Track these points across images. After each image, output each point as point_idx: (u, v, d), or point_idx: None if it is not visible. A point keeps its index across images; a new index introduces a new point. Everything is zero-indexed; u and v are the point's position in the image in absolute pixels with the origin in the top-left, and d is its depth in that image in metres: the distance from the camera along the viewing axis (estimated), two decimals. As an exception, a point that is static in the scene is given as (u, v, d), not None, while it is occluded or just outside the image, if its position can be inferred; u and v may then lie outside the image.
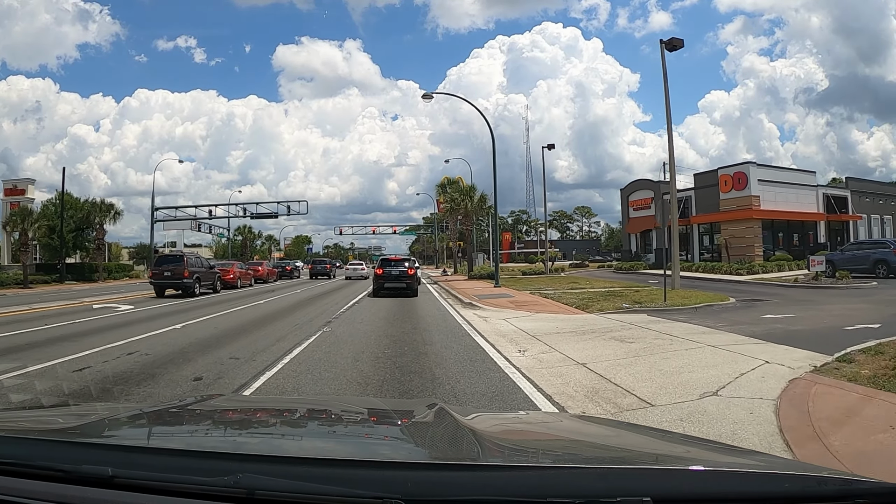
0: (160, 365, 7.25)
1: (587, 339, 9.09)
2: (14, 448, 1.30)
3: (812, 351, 7.02)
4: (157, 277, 20.91)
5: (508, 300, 16.59)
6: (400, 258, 21.42)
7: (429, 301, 18.13)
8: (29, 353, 8.12)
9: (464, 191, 31.65)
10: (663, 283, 15.11)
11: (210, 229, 62.29)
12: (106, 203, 44.64)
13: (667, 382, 5.81)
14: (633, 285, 22.09)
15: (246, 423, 1.94)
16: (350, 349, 8.48)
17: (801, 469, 1.32)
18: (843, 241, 37.82)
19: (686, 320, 11.46)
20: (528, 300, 16.46)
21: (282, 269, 39.28)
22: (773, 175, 33.70)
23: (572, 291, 19.24)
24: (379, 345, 8.93)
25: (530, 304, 15.36)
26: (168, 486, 1.14)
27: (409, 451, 1.56)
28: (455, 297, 19.33)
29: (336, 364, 7.30)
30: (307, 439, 1.72)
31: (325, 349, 8.51)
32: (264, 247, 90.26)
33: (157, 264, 21.54)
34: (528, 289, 21.35)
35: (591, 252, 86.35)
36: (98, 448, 1.39)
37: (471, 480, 1.12)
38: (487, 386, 5.99)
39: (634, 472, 1.19)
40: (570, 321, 11.70)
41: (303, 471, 1.14)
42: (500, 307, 14.76)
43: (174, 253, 22.73)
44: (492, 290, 21.64)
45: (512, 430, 1.86)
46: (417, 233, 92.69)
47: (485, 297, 18.02)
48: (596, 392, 5.59)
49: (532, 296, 18.01)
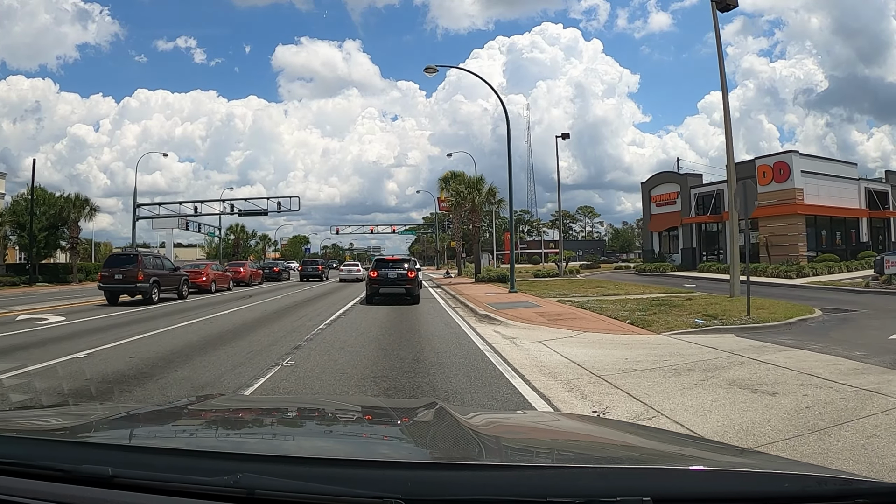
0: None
1: (691, 386, 5.72)
2: (14, 448, 1.30)
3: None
4: (107, 281, 17.44)
5: (535, 311, 13.15)
6: (398, 259, 17.99)
7: (434, 311, 14.69)
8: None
9: (470, 183, 28.03)
10: (746, 291, 11.66)
11: (199, 228, 59.04)
12: (81, 198, 41.26)
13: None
14: (674, 290, 18.69)
15: (246, 423, 1.93)
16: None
17: (801, 469, 1.30)
18: (884, 239, 34.38)
19: (801, 345, 8.16)
20: (561, 311, 13.02)
21: (269, 270, 35.65)
22: (816, 166, 30.19)
23: (608, 299, 15.81)
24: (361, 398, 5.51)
25: (565, 317, 11.92)
26: (168, 485, 1.12)
27: (410, 451, 1.55)
28: (465, 305, 15.92)
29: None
30: (307, 439, 1.71)
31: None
32: (259, 247, 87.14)
33: (106, 266, 18.06)
34: (551, 295, 17.92)
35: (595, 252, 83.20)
36: (98, 448, 1.40)
37: (471, 480, 1.11)
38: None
39: (634, 472, 1.19)
40: (638, 347, 8.29)
41: (303, 470, 1.13)
42: (527, 322, 11.34)
43: (127, 252, 19.28)
44: (508, 296, 18.22)
45: (512, 430, 1.84)
46: (417, 233, 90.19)
47: (503, 306, 14.59)
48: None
49: (561, 305, 14.57)
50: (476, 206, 27.33)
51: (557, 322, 11.12)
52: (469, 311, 14.36)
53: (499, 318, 11.99)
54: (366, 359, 7.65)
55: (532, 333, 10.03)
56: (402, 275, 16.68)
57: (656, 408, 4.95)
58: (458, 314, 13.84)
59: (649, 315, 11.49)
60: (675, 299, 14.98)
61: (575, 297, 17.14)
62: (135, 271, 17.17)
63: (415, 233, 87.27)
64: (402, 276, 16.66)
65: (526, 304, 15.14)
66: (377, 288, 16.61)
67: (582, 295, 17.66)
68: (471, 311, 14.25)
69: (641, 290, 19.55)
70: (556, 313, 12.57)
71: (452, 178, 33.92)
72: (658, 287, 20.87)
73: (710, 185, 33.25)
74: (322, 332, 10.64)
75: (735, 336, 9.15)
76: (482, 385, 6.01)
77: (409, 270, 16.83)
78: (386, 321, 12.41)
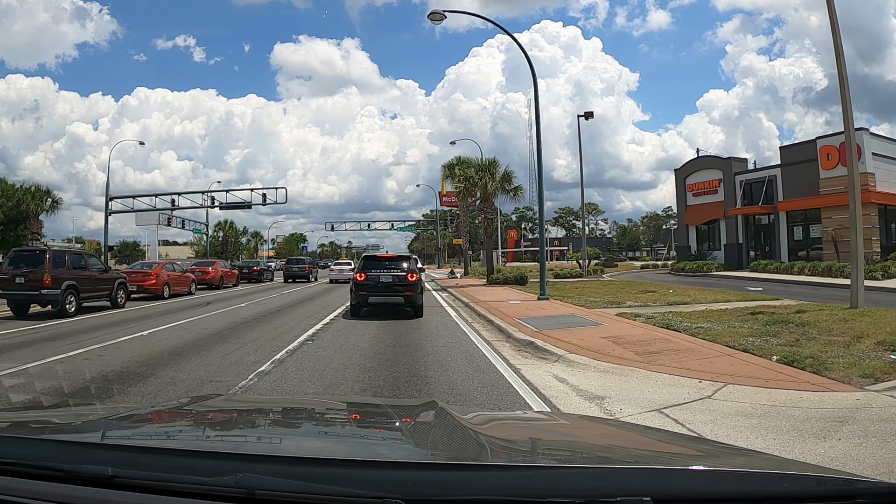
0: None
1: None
2: (14, 448, 1.28)
3: None
4: (6, 286, 13.02)
5: (599, 334, 8.68)
6: (394, 257, 13.51)
7: (445, 332, 10.24)
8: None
9: (482, 166, 23.44)
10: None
11: (183, 224, 54.68)
12: (41, 189, 36.81)
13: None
14: (753, 297, 14.32)
15: (246, 423, 1.92)
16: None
17: (800, 469, 1.30)
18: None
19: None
20: (641, 335, 8.53)
21: (248, 270, 30.98)
22: (888, 149, 25.62)
23: (681, 311, 11.39)
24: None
25: (657, 346, 7.44)
26: (168, 485, 1.11)
27: (410, 451, 1.52)
28: (487, 319, 11.50)
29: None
30: (307, 439, 1.69)
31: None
32: (250, 244, 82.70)
33: (9, 265, 13.58)
34: (595, 303, 13.48)
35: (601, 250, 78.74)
36: (98, 448, 1.38)
37: (471, 480, 1.09)
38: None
39: (635, 472, 1.18)
40: (866, 424, 3.87)
41: (303, 471, 1.11)
42: (601, 356, 6.90)
43: (33, 248, 14.77)
44: (540, 305, 13.79)
45: (512, 430, 1.83)
46: (416, 230, 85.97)
47: (544, 323, 10.14)
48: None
49: (631, 322, 10.10)
50: (489, 194, 22.74)
51: (654, 358, 6.69)
52: (497, 331, 9.93)
53: (550, 350, 7.55)
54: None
55: (628, 387, 5.63)
56: (399, 278, 12.25)
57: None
58: (481, 337, 9.40)
59: (790, 345, 7.10)
60: (779, 312, 10.60)
61: (632, 306, 12.72)
62: (40, 273, 12.71)
63: (414, 229, 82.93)
64: (400, 280, 12.23)
65: (575, 319, 10.71)
66: (365, 296, 12.17)
67: (639, 304, 13.24)
68: (499, 331, 9.82)
69: (705, 294, 15.13)
70: (636, 339, 8.12)
71: (459, 163, 29.44)
72: (721, 291, 16.43)
73: (758, 171, 28.60)
74: (265, 376, 6.24)
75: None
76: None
77: (408, 272, 12.39)
78: (374, 351, 8.00)
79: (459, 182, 24.24)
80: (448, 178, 34.53)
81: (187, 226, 56.04)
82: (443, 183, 49.69)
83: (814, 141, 25.71)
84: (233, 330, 10.62)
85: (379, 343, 8.88)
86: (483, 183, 22.75)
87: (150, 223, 49.51)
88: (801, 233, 26.30)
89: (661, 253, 76.86)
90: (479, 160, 24.34)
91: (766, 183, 27.27)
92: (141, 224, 50.36)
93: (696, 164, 32.92)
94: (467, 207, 34.10)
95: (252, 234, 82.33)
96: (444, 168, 33.27)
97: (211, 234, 60.17)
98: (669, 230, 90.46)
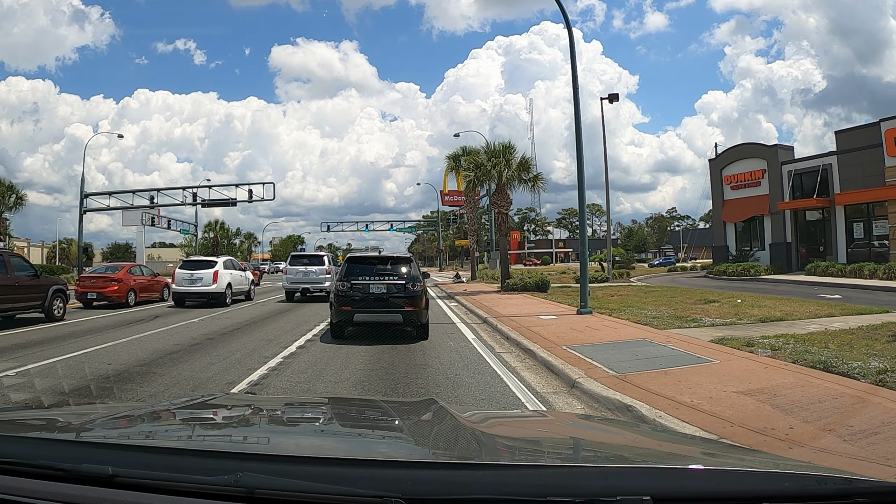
0: None
1: None
2: (14, 447, 1.26)
3: None
4: None
5: (728, 386, 5.16)
6: (390, 258, 9.97)
7: (465, 369, 6.71)
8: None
9: (495, 151, 19.81)
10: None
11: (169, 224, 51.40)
12: (4, 184, 33.44)
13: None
14: (846, 308, 10.86)
15: (246, 422, 1.88)
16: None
17: (800, 468, 1.26)
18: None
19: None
20: (803, 387, 4.93)
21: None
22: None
23: (802, 334, 7.95)
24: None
25: (865, 418, 4.04)
26: (168, 485, 1.09)
27: (409, 450, 1.51)
28: (516, 342, 8.07)
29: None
30: (307, 438, 1.68)
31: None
32: (243, 246, 79.39)
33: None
34: (665, 321, 10.05)
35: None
36: (98, 447, 1.36)
37: (471, 479, 1.08)
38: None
39: (635, 471, 1.17)
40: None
41: (303, 470, 1.09)
42: (766, 436, 3.48)
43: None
44: (585, 321, 10.33)
45: (512, 429, 1.78)
46: (416, 231, 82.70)
47: (609, 354, 6.66)
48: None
49: (753, 359, 6.55)
50: (504, 184, 19.17)
51: (885, 448, 3.27)
52: (545, 371, 6.48)
53: (669, 426, 4.12)
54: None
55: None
56: (397, 288, 8.78)
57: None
58: (523, 384, 5.93)
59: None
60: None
61: (714, 325, 9.31)
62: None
63: (414, 230, 79.55)
64: (398, 291, 8.77)
65: (654, 348, 7.22)
66: (349, 313, 8.71)
67: (720, 321, 9.81)
68: (549, 371, 6.39)
69: (794, 307, 11.68)
70: (806, 399, 4.62)
71: (465, 153, 26.01)
72: (800, 301, 13.01)
73: (810, 160, 25.06)
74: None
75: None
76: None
77: (409, 281, 8.88)
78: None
79: (469, 171, 20.66)
80: (452, 172, 31.06)
81: (174, 226, 52.84)
82: (445, 179, 46.11)
83: (877, 124, 22.17)
84: (160, 361, 7.17)
85: (366, 393, 5.51)
86: (497, 171, 19.24)
87: (136, 223, 46.37)
88: (861, 229, 22.83)
89: (669, 254, 73.94)
90: (493, 145, 20.80)
91: (821, 172, 23.75)
92: (128, 224, 47.20)
93: (735, 152, 29.17)
94: (475, 204, 30.56)
95: (245, 236, 79.21)
96: (448, 159, 29.81)
97: (201, 235, 56.97)
98: (678, 232, 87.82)
